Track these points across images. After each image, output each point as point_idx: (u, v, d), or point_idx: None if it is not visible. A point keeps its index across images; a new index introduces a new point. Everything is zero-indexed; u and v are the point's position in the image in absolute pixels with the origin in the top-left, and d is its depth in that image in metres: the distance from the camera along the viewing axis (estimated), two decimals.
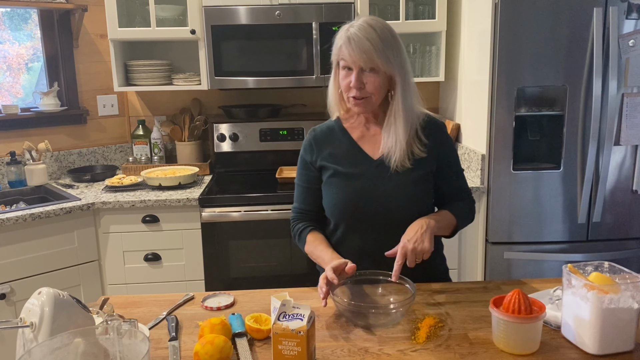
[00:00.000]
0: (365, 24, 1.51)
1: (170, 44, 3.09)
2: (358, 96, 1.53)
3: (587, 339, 1.20)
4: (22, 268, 2.40)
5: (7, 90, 3.09)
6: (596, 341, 1.19)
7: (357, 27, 1.51)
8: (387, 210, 1.56)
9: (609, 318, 1.17)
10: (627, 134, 2.44)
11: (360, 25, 1.51)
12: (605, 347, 1.19)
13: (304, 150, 1.69)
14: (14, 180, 2.84)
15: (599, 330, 1.18)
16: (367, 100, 1.54)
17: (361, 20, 1.53)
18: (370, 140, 1.64)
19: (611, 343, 1.19)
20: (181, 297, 1.54)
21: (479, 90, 2.56)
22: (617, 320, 1.18)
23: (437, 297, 1.51)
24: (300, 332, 1.11)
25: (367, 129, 1.65)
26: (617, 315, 1.17)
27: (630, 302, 1.17)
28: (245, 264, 2.66)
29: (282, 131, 3.04)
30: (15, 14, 3.04)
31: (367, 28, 1.50)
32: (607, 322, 1.17)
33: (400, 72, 1.53)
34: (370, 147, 1.63)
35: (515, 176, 2.45)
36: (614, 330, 1.18)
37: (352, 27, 1.52)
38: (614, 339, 1.19)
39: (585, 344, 1.21)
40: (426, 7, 2.92)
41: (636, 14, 2.35)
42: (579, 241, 2.52)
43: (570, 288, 1.22)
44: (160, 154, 3.13)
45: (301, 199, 1.71)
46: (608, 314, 1.17)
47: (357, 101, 1.54)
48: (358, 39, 1.49)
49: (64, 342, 0.99)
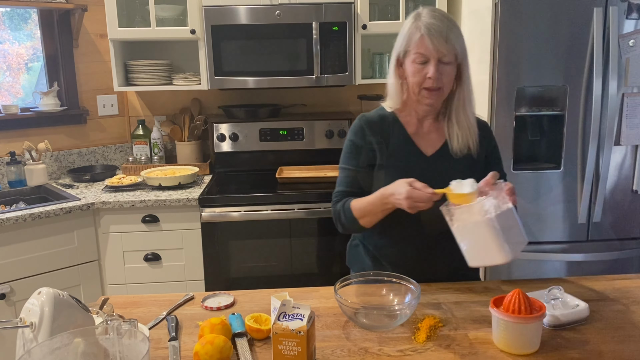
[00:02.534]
0: (437, 12, 1.49)
1: (170, 44, 3.09)
2: (434, 87, 1.50)
3: (493, 251, 1.28)
4: (22, 268, 2.40)
5: (7, 90, 3.09)
6: (501, 248, 1.27)
7: (431, 16, 1.48)
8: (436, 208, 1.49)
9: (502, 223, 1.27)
10: (627, 134, 2.44)
11: (432, 14, 1.48)
12: (514, 250, 1.28)
13: (354, 134, 1.62)
14: (13, 180, 2.84)
15: (500, 236, 1.26)
16: (440, 91, 1.52)
17: (427, 10, 1.50)
18: (424, 137, 1.61)
19: (514, 244, 1.28)
20: (181, 297, 1.54)
21: (479, 90, 2.56)
22: (508, 220, 1.28)
23: (437, 297, 1.51)
24: (300, 332, 1.11)
25: (420, 125, 1.62)
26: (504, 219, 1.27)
27: (506, 203, 1.29)
28: (245, 264, 2.66)
29: (282, 131, 3.04)
30: (15, 14, 3.04)
31: (441, 17, 1.48)
32: (503, 227, 1.27)
33: (467, 61, 1.54)
34: (424, 143, 1.61)
35: (515, 176, 2.45)
36: (510, 232, 1.27)
37: (423, 16, 1.48)
38: (512, 238, 1.28)
39: (495, 257, 1.29)
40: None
41: (636, 14, 2.35)
42: (579, 241, 2.52)
43: (454, 221, 1.34)
44: (160, 154, 3.13)
45: (346, 182, 1.63)
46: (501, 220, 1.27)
47: (431, 92, 1.51)
48: (439, 28, 1.46)
49: (64, 342, 0.99)
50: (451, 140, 1.59)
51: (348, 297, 1.41)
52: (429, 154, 1.60)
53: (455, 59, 1.50)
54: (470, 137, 1.58)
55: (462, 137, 1.58)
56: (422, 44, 1.47)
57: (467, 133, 1.57)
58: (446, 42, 1.46)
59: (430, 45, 1.46)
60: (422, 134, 1.62)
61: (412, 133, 1.61)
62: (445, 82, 1.51)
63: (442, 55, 1.48)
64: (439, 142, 1.62)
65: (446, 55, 1.48)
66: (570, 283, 1.58)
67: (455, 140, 1.58)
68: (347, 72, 2.79)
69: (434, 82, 1.49)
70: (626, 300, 1.47)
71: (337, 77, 2.79)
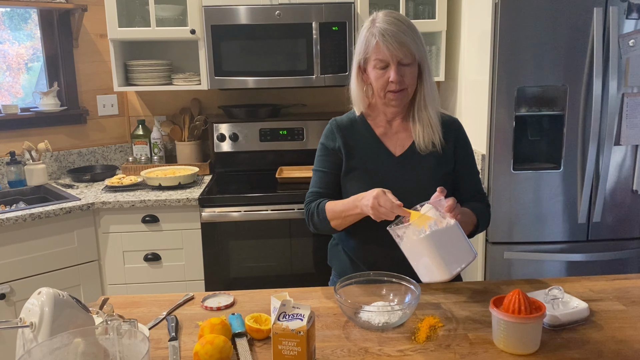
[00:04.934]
0: (390, 17, 1.50)
1: (170, 44, 3.09)
2: (398, 89, 1.52)
3: (432, 268, 1.30)
4: (22, 268, 2.40)
5: (7, 90, 3.09)
6: (439, 265, 1.29)
7: (384, 21, 1.49)
8: (407, 207, 1.54)
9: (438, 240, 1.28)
10: (627, 134, 2.44)
11: (385, 19, 1.50)
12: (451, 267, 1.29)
13: (325, 137, 1.67)
14: (13, 180, 2.84)
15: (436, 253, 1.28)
16: (404, 92, 1.55)
17: (381, 14, 1.52)
18: (393, 137, 1.64)
19: (455, 261, 1.30)
20: (181, 297, 1.54)
21: (479, 90, 2.56)
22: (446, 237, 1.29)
23: (437, 297, 1.51)
24: (300, 332, 1.11)
25: (389, 126, 1.65)
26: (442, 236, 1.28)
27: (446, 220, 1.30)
28: (245, 264, 2.66)
29: (282, 131, 3.04)
30: (15, 14, 3.04)
31: (395, 21, 1.50)
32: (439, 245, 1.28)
33: (426, 60, 1.56)
34: (392, 143, 1.63)
35: (515, 176, 2.45)
36: (449, 248, 1.29)
37: (377, 22, 1.50)
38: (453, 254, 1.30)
39: (435, 274, 1.31)
40: (426, 7, 2.92)
41: (636, 14, 2.35)
42: (579, 241, 2.52)
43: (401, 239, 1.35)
44: (160, 154, 3.13)
45: (319, 183, 1.67)
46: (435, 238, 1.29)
47: (396, 95, 1.54)
48: (393, 33, 1.48)
49: (64, 342, 0.99)
50: (416, 138, 1.61)
51: (348, 297, 1.41)
52: (398, 154, 1.62)
53: (414, 59, 1.52)
54: (434, 133, 1.59)
55: (425, 134, 1.59)
56: (379, 50, 1.50)
57: (430, 130, 1.59)
58: (401, 46, 1.48)
59: (386, 50, 1.49)
60: (390, 134, 1.64)
61: (381, 134, 1.64)
62: (409, 83, 1.54)
63: (400, 59, 1.50)
64: (407, 141, 1.63)
65: (403, 58, 1.50)
66: (570, 283, 1.58)
67: (420, 137, 1.59)
68: (347, 72, 2.79)
69: (397, 85, 1.52)
70: (626, 300, 1.47)
71: (337, 77, 2.79)
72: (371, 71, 1.55)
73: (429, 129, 1.59)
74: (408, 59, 1.51)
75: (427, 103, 1.58)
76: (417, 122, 1.60)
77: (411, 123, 1.62)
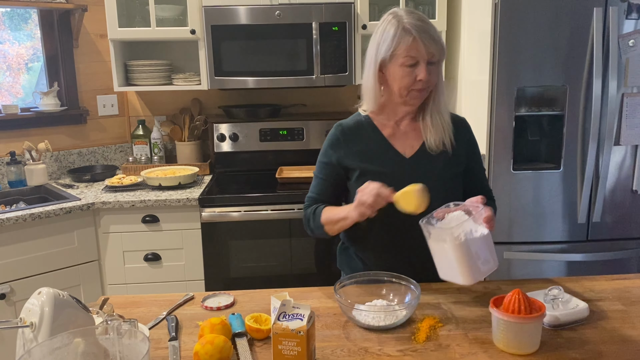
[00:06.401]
0: (415, 14, 1.48)
1: (170, 44, 3.09)
2: (424, 88, 1.51)
3: (456, 272, 1.32)
4: (22, 268, 2.40)
5: (7, 90, 3.09)
6: (463, 272, 1.30)
7: (414, 17, 1.47)
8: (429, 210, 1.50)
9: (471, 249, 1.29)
10: (627, 134, 2.44)
11: (412, 16, 1.48)
12: (476, 275, 1.31)
13: (330, 145, 1.63)
14: (14, 180, 2.84)
15: (465, 261, 1.29)
16: (427, 91, 1.53)
17: (403, 12, 1.50)
18: (401, 138, 1.61)
19: (480, 269, 1.31)
20: (181, 297, 1.54)
21: (479, 90, 2.56)
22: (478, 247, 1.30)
23: (437, 297, 1.51)
24: (300, 332, 1.11)
25: (397, 127, 1.62)
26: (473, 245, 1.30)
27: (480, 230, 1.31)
28: (245, 264, 2.66)
29: (282, 131, 3.04)
30: (15, 14, 3.04)
31: (422, 18, 1.48)
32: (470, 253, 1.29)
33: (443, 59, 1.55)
34: (401, 144, 1.60)
35: (515, 176, 2.45)
36: (479, 258, 1.30)
37: (405, 19, 1.47)
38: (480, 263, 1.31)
39: (457, 278, 1.33)
40: (426, 7, 2.92)
41: (636, 14, 2.35)
42: (579, 241, 2.52)
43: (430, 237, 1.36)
44: (160, 154, 3.13)
45: (318, 189, 1.66)
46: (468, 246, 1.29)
47: (420, 93, 1.52)
48: (426, 29, 1.46)
49: (64, 342, 0.99)
50: (427, 138, 1.59)
51: (348, 297, 1.41)
52: (408, 156, 1.59)
53: (442, 57, 1.52)
54: (445, 133, 1.58)
55: (437, 134, 1.58)
56: (414, 46, 1.46)
57: (442, 130, 1.58)
58: (435, 43, 1.47)
59: (422, 47, 1.46)
60: (398, 135, 1.62)
61: (389, 135, 1.61)
62: (433, 82, 1.53)
63: (432, 56, 1.48)
64: (416, 142, 1.61)
65: (435, 55, 1.49)
66: (570, 283, 1.58)
67: (432, 137, 1.58)
68: (347, 72, 2.79)
69: (425, 83, 1.49)
70: (626, 300, 1.47)
71: (337, 77, 2.79)
72: (396, 69, 1.50)
73: (440, 128, 1.57)
74: (437, 57, 1.49)
75: (440, 102, 1.57)
76: (430, 122, 1.57)
77: (422, 123, 1.60)
